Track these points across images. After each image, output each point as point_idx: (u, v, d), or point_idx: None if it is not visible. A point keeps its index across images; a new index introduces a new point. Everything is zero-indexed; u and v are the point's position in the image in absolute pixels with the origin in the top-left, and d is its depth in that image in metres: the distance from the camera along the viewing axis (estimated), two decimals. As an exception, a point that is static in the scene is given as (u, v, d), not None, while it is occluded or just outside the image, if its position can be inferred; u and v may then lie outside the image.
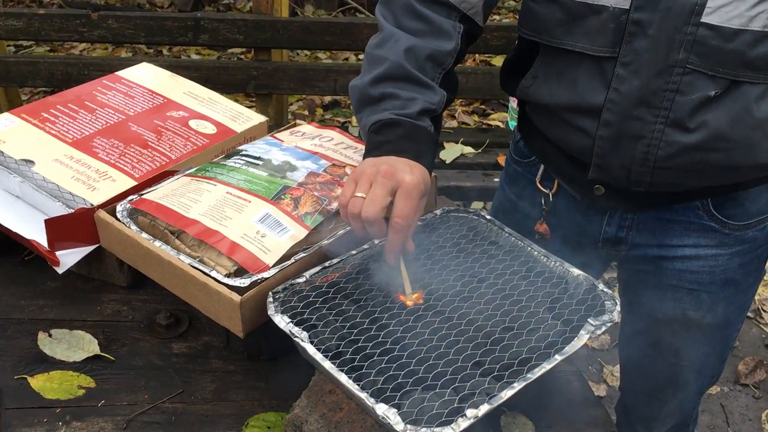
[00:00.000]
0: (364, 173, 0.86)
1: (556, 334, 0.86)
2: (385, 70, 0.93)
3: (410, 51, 0.94)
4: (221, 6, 4.79)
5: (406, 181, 0.84)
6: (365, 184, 0.85)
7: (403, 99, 0.92)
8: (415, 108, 0.91)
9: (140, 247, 0.98)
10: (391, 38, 0.96)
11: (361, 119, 0.96)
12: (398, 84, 0.93)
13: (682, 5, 0.84)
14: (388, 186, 0.84)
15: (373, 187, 0.84)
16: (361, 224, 0.85)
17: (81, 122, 1.20)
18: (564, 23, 0.94)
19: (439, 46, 0.96)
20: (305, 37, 2.47)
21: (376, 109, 0.93)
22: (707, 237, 1.05)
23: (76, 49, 4.13)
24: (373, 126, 0.92)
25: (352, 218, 0.86)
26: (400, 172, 0.85)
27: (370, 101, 0.94)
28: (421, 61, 0.94)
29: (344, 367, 0.80)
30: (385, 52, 0.95)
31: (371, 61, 0.96)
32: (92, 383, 0.96)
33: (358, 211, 0.84)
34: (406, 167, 0.86)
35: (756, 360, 2.26)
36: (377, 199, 0.83)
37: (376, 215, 0.83)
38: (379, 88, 0.93)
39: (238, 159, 1.10)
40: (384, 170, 0.85)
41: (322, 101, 3.73)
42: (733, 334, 1.20)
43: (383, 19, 0.99)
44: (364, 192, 0.84)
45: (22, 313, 1.07)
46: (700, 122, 0.90)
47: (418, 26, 0.96)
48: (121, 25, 2.44)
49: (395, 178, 0.84)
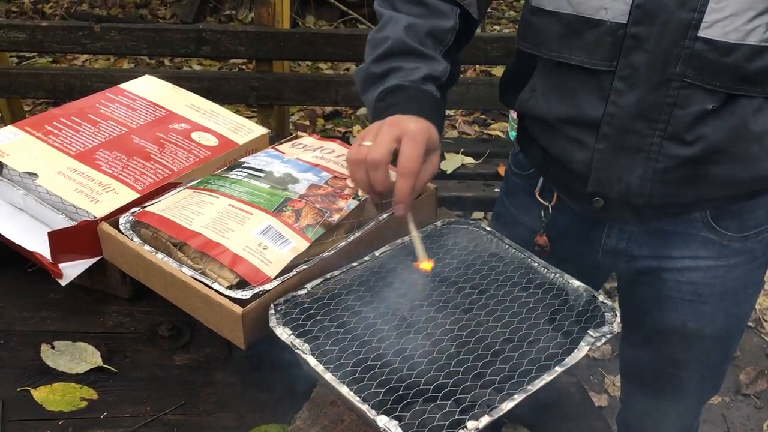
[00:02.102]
0: (369, 129, 0.87)
1: (557, 345, 0.87)
2: (388, 47, 0.95)
3: (410, 28, 0.96)
4: (223, 17, 4.82)
5: (411, 127, 0.84)
6: (370, 136, 0.86)
7: (407, 69, 0.94)
8: (418, 74, 0.93)
9: (143, 260, 0.99)
10: (390, 20, 0.98)
11: (366, 98, 0.97)
12: (401, 58, 0.95)
13: (679, 20, 0.85)
14: (393, 133, 0.84)
15: (378, 136, 0.85)
16: (364, 173, 0.85)
17: (84, 135, 1.21)
18: (562, 36, 0.95)
19: (437, 24, 0.98)
20: (306, 48, 2.48)
21: (381, 83, 0.95)
22: (706, 249, 1.06)
23: (79, 60, 4.15)
24: (379, 95, 0.93)
25: (357, 165, 0.85)
26: (404, 121, 0.86)
27: (375, 78, 0.96)
28: (421, 37, 0.96)
29: (345, 379, 0.80)
30: (386, 33, 0.97)
31: (373, 44, 0.98)
32: (95, 395, 0.96)
33: (362, 157, 0.84)
34: (410, 118, 0.87)
35: (757, 370, 2.26)
36: (382, 143, 0.83)
37: (381, 156, 0.83)
38: (383, 64, 0.95)
39: (240, 171, 1.11)
40: (389, 121, 0.86)
41: (324, 111, 3.75)
42: (733, 346, 1.21)
43: (381, 9, 1.02)
44: (370, 141, 0.85)
45: (25, 325, 1.08)
46: (697, 135, 0.90)
47: (417, 10, 0.99)
48: (123, 37, 2.46)
49: (400, 126, 0.85)
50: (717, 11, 0.83)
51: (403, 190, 0.84)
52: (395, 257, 1.00)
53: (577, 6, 0.92)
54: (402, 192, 0.84)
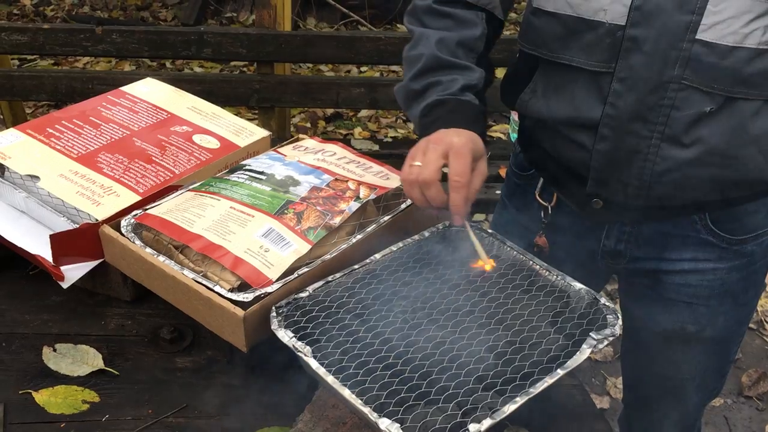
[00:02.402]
0: (418, 147, 0.92)
1: (558, 348, 0.87)
2: (423, 65, 0.99)
3: (441, 42, 1.00)
4: (224, 19, 4.82)
5: (455, 142, 0.90)
6: (418, 155, 0.91)
7: (445, 82, 0.98)
8: (456, 86, 0.97)
9: (144, 262, 0.99)
10: (422, 38, 1.02)
11: (410, 114, 1.02)
12: (437, 72, 0.99)
13: (677, 22, 0.85)
14: (439, 150, 0.89)
15: (426, 154, 0.90)
16: (419, 191, 0.90)
17: (86, 137, 1.21)
18: (562, 38, 0.95)
19: (466, 34, 1.01)
20: (307, 50, 2.48)
21: (422, 99, 0.99)
22: (705, 251, 1.06)
23: (80, 62, 4.16)
24: (422, 111, 0.98)
25: (411, 186, 0.91)
26: (447, 136, 0.91)
27: (416, 95, 1.00)
28: (453, 49, 1.00)
29: (347, 381, 0.80)
30: (420, 50, 1.01)
31: (409, 62, 1.02)
32: (96, 398, 0.96)
33: (414, 178, 0.89)
34: (453, 132, 0.92)
35: (759, 372, 2.25)
36: (430, 162, 0.89)
37: (430, 176, 0.88)
38: (421, 81, 0.99)
39: (241, 174, 1.11)
40: (434, 138, 0.91)
41: (325, 113, 3.75)
42: (733, 348, 1.21)
43: (411, 26, 1.06)
44: (419, 161, 0.90)
45: (26, 328, 1.08)
46: (695, 138, 0.91)
47: (444, 23, 1.02)
48: (125, 39, 2.46)
49: (444, 142, 0.90)
50: (715, 14, 0.84)
51: (458, 202, 0.89)
52: (397, 259, 1.00)
53: (576, 7, 0.92)
54: (457, 204, 0.90)
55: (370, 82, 2.56)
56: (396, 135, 3.49)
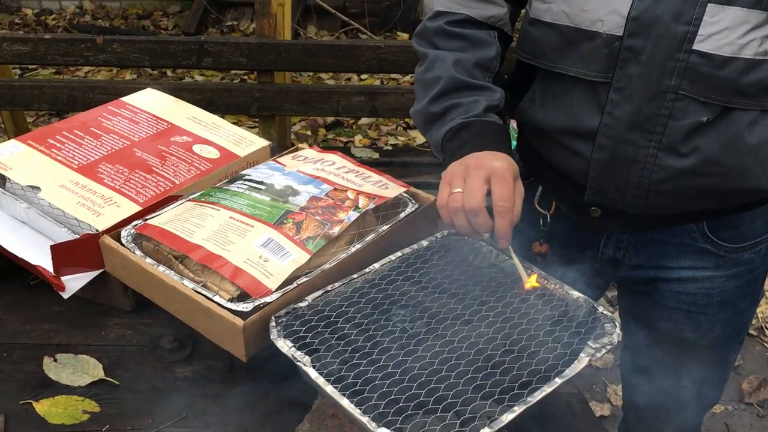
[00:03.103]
0: (455, 173, 0.90)
1: (557, 356, 0.87)
2: (442, 87, 0.98)
3: (458, 63, 0.99)
4: (225, 28, 4.84)
5: (497, 166, 0.88)
6: (459, 181, 0.89)
7: (466, 104, 0.97)
8: (479, 108, 0.96)
9: (144, 272, 0.99)
10: (437, 59, 1.00)
11: (430, 137, 1.01)
12: (456, 94, 0.98)
13: (674, 33, 0.86)
14: (482, 176, 0.88)
15: (468, 180, 0.88)
16: (465, 218, 0.88)
17: (86, 148, 1.22)
18: (559, 48, 0.96)
19: (482, 54, 1.00)
20: (308, 59, 2.49)
21: (442, 122, 0.98)
22: (703, 259, 1.06)
23: (81, 71, 4.17)
24: (446, 135, 0.96)
25: (455, 214, 0.89)
26: (487, 161, 0.89)
27: (435, 118, 0.99)
28: (470, 70, 0.99)
29: (346, 391, 0.80)
30: (436, 72, 0.99)
31: (424, 84, 1.01)
32: (97, 408, 0.97)
33: (460, 205, 0.88)
34: (491, 156, 0.90)
35: (760, 378, 2.25)
36: (475, 189, 0.87)
37: (478, 204, 0.87)
38: (440, 103, 0.98)
39: (241, 184, 1.12)
40: (473, 163, 0.89)
41: (325, 121, 3.76)
42: (732, 356, 1.21)
43: (422, 48, 1.04)
44: (460, 188, 0.88)
45: (27, 338, 1.08)
46: (692, 147, 0.91)
47: (457, 44, 1.01)
48: (125, 49, 2.47)
49: (485, 167, 0.88)
50: (711, 25, 0.84)
51: (504, 227, 0.89)
52: (396, 269, 1.01)
53: (574, 18, 0.93)
54: (504, 229, 0.89)
55: (371, 90, 2.56)
56: (396, 143, 3.50)
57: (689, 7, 0.85)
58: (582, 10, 0.92)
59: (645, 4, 0.87)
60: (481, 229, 0.89)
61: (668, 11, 0.86)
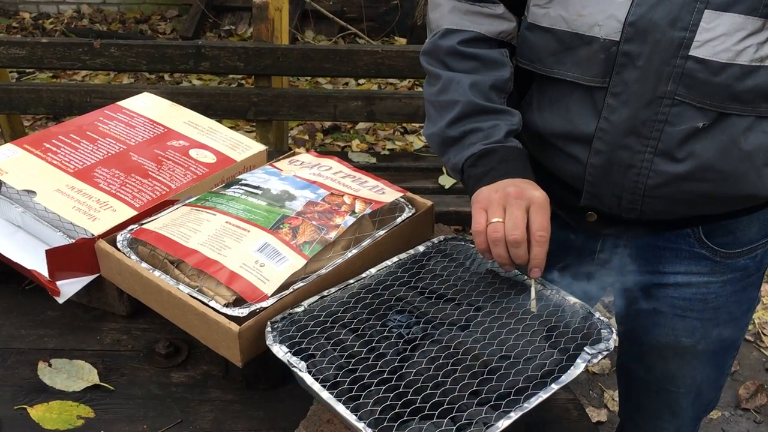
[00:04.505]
0: (492, 200, 0.89)
1: (553, 362, 0.87)
2: (459, 111, 0.97)
3: (475, 86, 0.98)
4: (222, 32, 4.84)
5: (537, 196, 0.88)
6: (498, 210, 0.88)
7: (486, 129, 0.96)
8: (500, 133, 0.96)
9: (140, 277, 0.99)
10: (452, 82, 0.99)
11: (448, 160, 1.00)
12: (475, 119, 0.97)
13: (670, 38, 0.86)
14: (523, 206, 0.88)
15: (509, 210, 0.87)
16: (505, 249, 0.87)
17: (82, 152, 1.22)
18: (556, 53, 0.96)
19: (497, 76, 1.00)
20: (305, 64, 2.49)
21: (461, 146, 0.97)
22: (699, 264, 1.06)
23: (78, 75, 4.17)
24: (468, 161, 0.96)
25: (496, 244, 0.88)
26: (527, 190, 0.89)
27: (453, 142, 0.98)
28: (486, 92, 0.98)
29: (342, 396, 0.80)
30: (452, 95, 0.98)
31: (440, 106, 1.00)
32: (91, 413, 0.96)
33: (502, 236, 0.87)
34: (529, 185, 0.90)
35: (757, 384, 2.25)
36: (518, 220, 0.87)
37: (522, 236, 0.86)
38: (458, 127, 0.97)
39: (237, 188, 1.12)
40: (513, 192, 0.88)
41: (323, 126, 3.76)
42: (728, 362, 1.21)
43: (434, 68, 1.02)
44: (499, 217, 0.88)
45: (22, 343, 1.08)
46: (688, 153, 0.91)
47: (470, 65, 1.00)
48: (123, 53, 2.47)
49: (526, 197, 0.88)
50: (708, 31, 0.84)
51: (541, 256, 0.88)
52: (392, 274, 1.01)
53: (571, 23, 0.93)
54: (539, 258, 0.88)
55: (368, 95, 2.57)
56: (393, 147, 3.51)
57: (686, 13, 0.85)
58: (579, 15, 0.92)
59: (642, 10, 0.87)
60: (518, 260, 0.89)
61: (665, 17, 0.86)
